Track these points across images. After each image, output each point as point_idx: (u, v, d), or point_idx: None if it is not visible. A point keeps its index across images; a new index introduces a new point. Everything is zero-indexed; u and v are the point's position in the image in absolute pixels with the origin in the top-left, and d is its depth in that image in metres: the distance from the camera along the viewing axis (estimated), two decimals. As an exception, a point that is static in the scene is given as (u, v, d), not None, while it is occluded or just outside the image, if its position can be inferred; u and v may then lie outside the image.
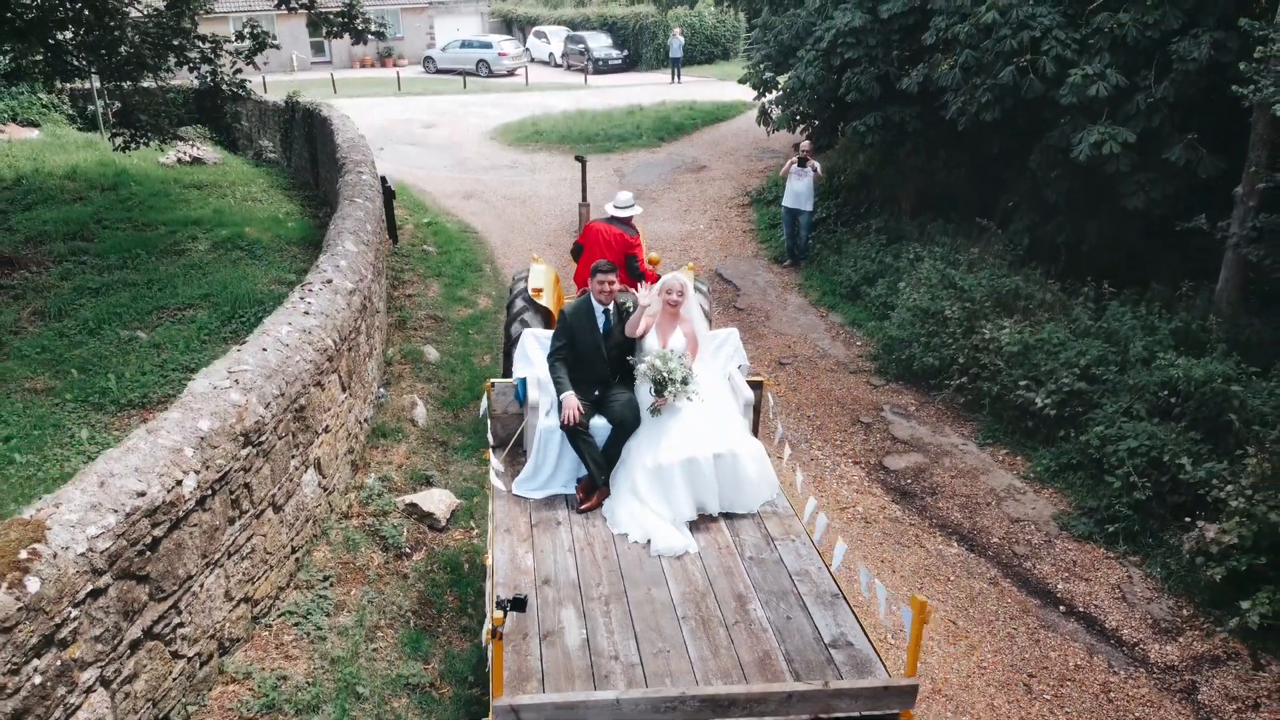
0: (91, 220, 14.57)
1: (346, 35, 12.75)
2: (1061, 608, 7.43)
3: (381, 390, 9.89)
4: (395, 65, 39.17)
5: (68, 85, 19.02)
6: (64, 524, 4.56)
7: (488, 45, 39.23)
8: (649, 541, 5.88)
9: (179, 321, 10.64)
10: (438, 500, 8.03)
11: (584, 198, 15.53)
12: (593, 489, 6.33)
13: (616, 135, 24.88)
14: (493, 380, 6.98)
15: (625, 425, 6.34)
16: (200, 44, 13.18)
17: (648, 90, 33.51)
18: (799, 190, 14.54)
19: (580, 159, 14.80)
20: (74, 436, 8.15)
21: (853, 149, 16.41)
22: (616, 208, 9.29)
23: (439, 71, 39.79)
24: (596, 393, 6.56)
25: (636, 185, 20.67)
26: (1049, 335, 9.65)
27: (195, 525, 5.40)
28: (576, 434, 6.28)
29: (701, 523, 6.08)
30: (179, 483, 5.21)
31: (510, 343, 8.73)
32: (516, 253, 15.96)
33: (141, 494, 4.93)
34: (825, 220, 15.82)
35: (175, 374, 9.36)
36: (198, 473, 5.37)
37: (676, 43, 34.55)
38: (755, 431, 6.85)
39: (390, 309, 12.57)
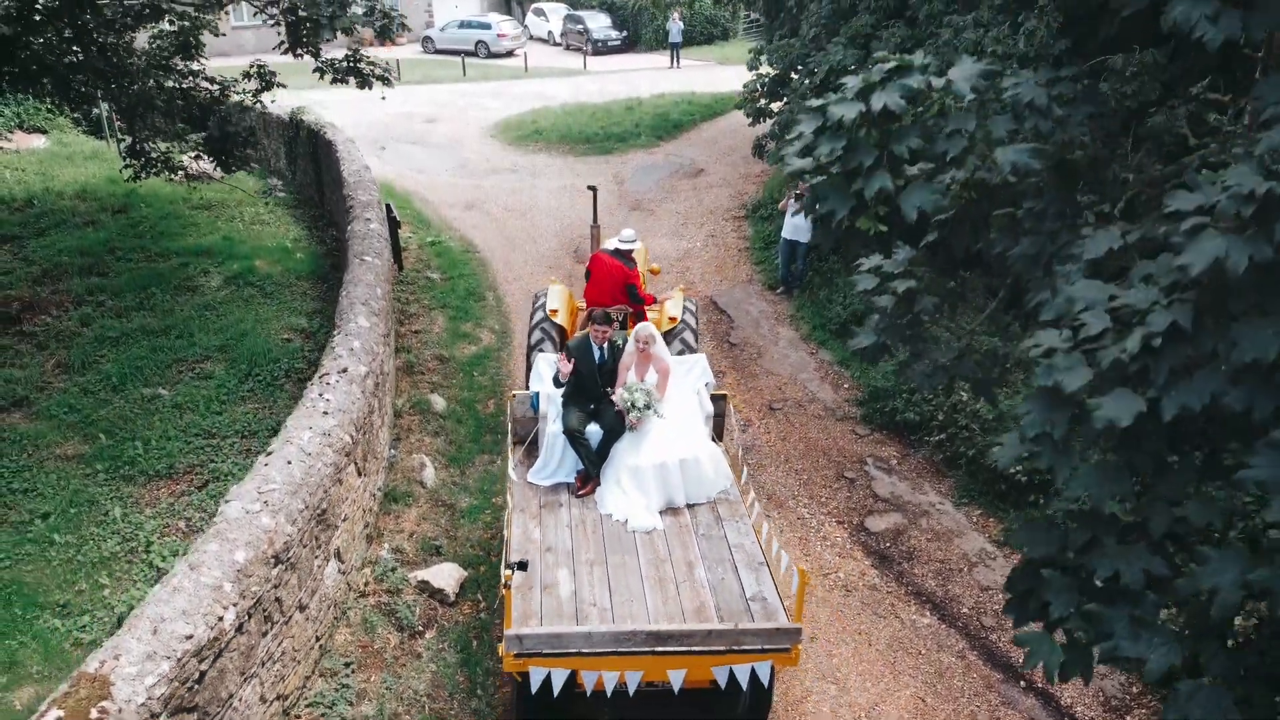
0: (105, 249, 15.03)
1: (351, 80, 13.07)
2: (1021, 683, 8.10)
3: (393, 450, 10.47)
4: (394, 45, 39.04)
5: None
6: (125, 678, 5.17)
7: (486, 26, 39.18)
8: (626, 521, 7.93)
9: (198, 377, 11.18)
10: (447, 575, 8.65)
11: (595, 219, 16.04)
12: (587, 480, 8.39)
13: (615, 134, 25.17)
14: (514, 393, 9.19)
15: (613, 433, 8.34)
16: (209, 85, 13.54)
17: (646, 76, 33.64)
18: (797, 224, 14.99)
19: (592, 188, 15.41)
20: (108, 514, 8.74)
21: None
22: (621, 242, 11.16)
23: (438, 52, 39.79)
24: (592, 406, 8.48)
25: (635, 195, 21.09)
26: (1019, 403, 10.19)
27: (235, 649, 6.01)
28: (576, 438, 8.28)
29: (669, 510, 8.12)
30: (220, 619, 5.81)
31: (531, 350, 10.70)
32: (519, 276, 16.45)
33: (189, 636, 5.54)
34: (817, 246, 16.25)
35: (198, 439, 9.95)
36: (236, 605, 5.97)
37: (676, 27, 34.59)
38: (720, 434, 9.11)
39: (398, 349, 13.11)
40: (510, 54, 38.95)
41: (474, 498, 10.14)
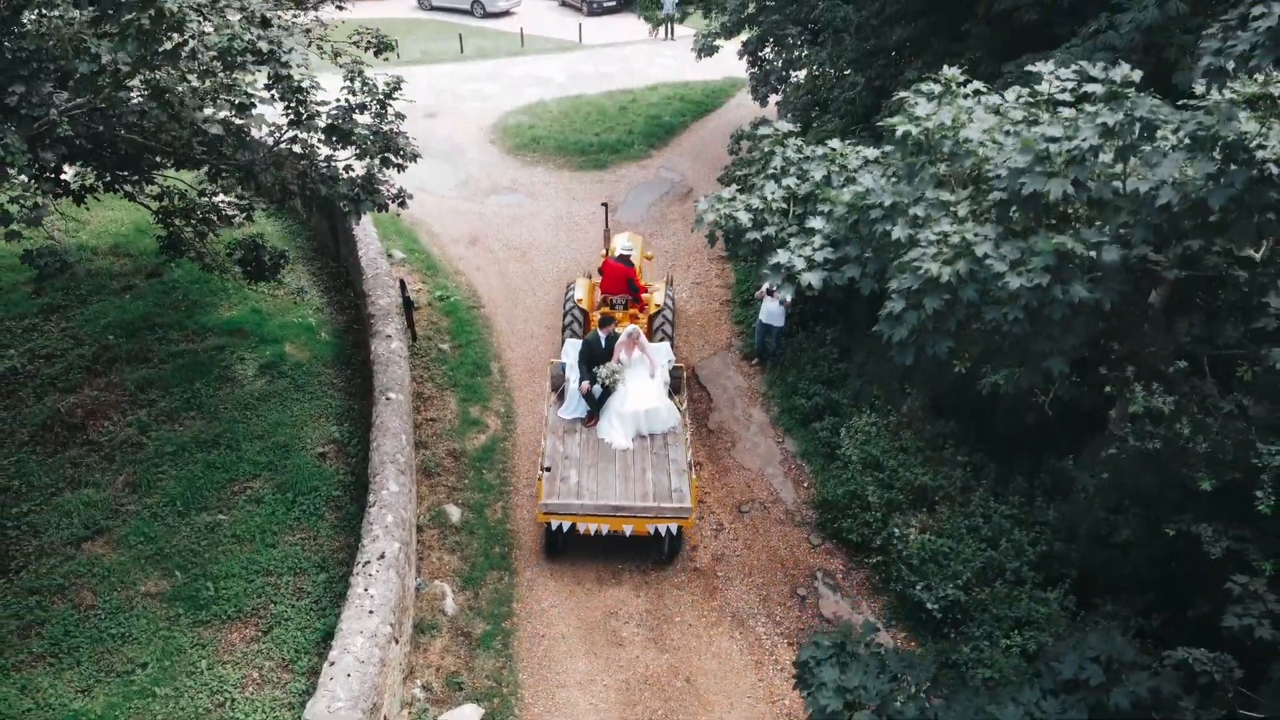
0: (145, 324, 16.72)
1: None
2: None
3: (419, 579, 12.52)
4: None
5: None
6: None
7: (483, -17, 39.25)
8: (612, 443, 13.42)
9: (250, 500, 13.12)
10: (469, 716, 10.83)
11: (605, 245, 18.31)
12: (592, 418, 13.89)
13: (610, 144, 26.30)
14: (552, 360, 15.22)
15: (608, 391, 13.70)
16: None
17: (641, 51, 34.23)
18: (772, 310, 16.66)
19: (604, 205, 18.91)
20: (196, 665, 10.85)
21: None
22: (622, 249, 16.71)
23: (434, 9, 39.95)
24: (596, 374, 13.65)
25: (629, 223, 22.48)
26: (941, 546, 12.22)
27: None
28: (586, 392, 13.81)
29: (640, 437, 13.58)
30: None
31: (565, 330, 16.37)
32: (522, 340, 18.16)
33: None
34: (789, 317, 17.92)
35: (257, 578, 11.97)
36: (321, 825, 8.12)
37: (670, 0, 34.87)
38: (679, 389, 14.60)
39: (416, 443, 14.98)
40: (507, 13, 39.15)
41: (487, 622, 12.25)
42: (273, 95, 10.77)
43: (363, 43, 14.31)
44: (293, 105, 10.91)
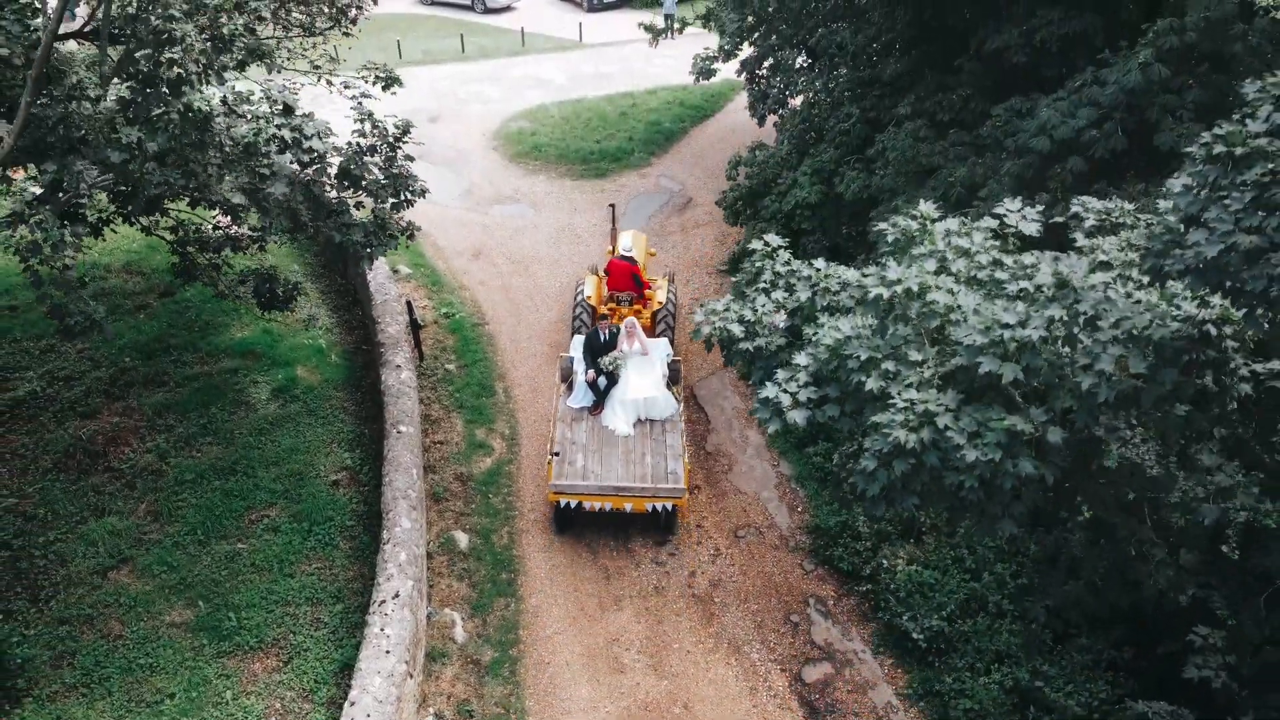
0: (160, 346, 17.26)
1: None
2: (902, 837, 11.07)
3: (430, 609, 13.13)
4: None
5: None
6: None
7: (484, -21, 39.35)
8: (615, 429, 14.72)
9: (267, 529, 13.72)
10: (479, 745, 11.48)
11: (612, 243, 19.49)
12: (597, 406, 15.15)
13: (610, 152, 26.68)
14: (561, 354, 16.41)
15: (611, 379, 14.99)
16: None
17: (641, 52, 34.40)
18: (763, 334, 17.17)
19: (611, 206, 20.19)
20: (222, 695, 11.48)
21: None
22: (624, 249, 17.82)
23: (434, 4, 40.10)
24: (600, 363, 14.96)
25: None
26: (927, 577, 12.84)
27: None
28: (592, 383, 15.08)
29: (640, 422, 14.93)
30: None
31: (575, 321, 17.48)
32: (525, 359, 18.67)
33: None
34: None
35: (276, 608, 12.59)
36: None
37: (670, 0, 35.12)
38: (676, 380, 15.71)
39: (425, 467, 15.55)
40: (508, 8, 39.32)
41: (495, 650, 12.88)
42: (293, 162, 11.21)
43: (370, 77, 14.73)
44: (307, 163, 11.36)
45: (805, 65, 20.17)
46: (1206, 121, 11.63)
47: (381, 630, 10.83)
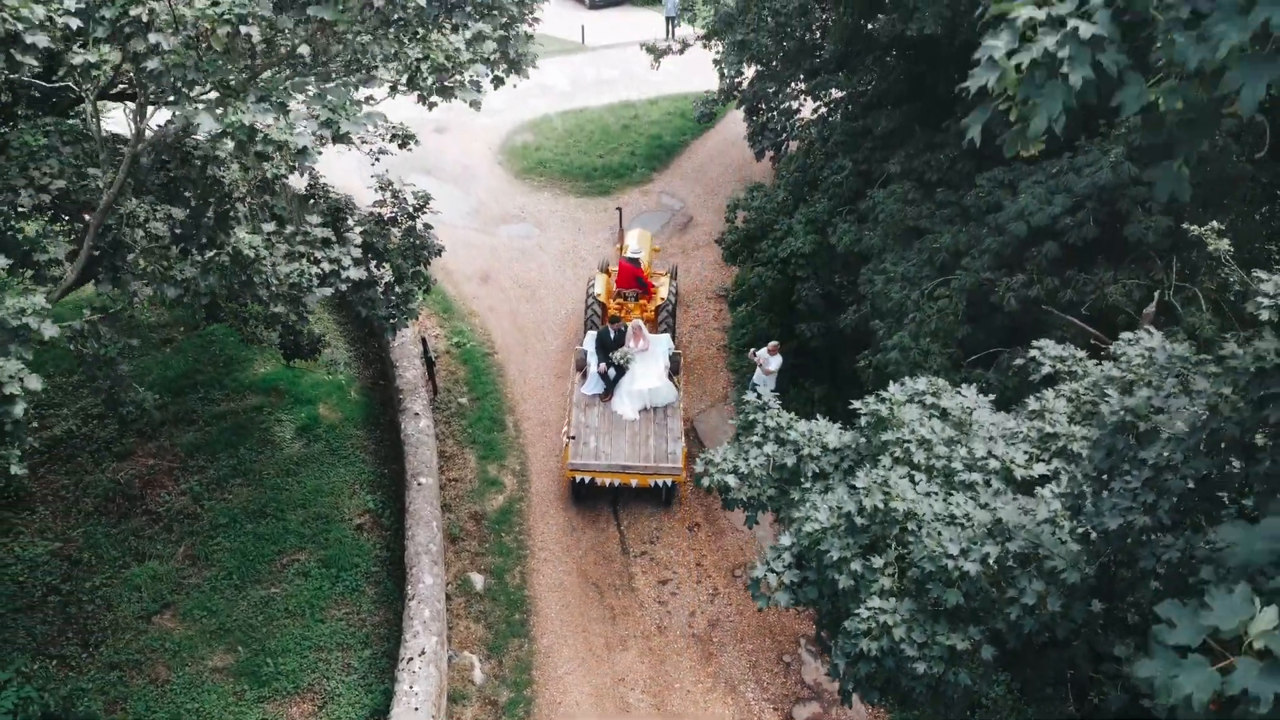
0: (187, 383, 18.20)
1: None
2: None
3: (451, 651, 14.23)
4: None
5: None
6: None
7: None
8: (623, 415, 16.76)
9: (298, 574, 14.77)
10: (499, 785, 12.63)
11: (620, 228, 21.52)
12: (608, 394, 17.08)
13: (613, 168, 27.38)
14: (577, 348, 18.16)
15: (620, 371, 16.91)
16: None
17: (642, 56, 34.79)
18: (762, 378, 18.12)
19: (618, 209, 22.02)
20: (264, 741, 12.62)
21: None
22: (631, 252, 19.80)
23: (438, -1, 40.31)
24: (611, 357, 16.84)
25: (630, 260, 23.73)
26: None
27: None
28: (603, 375, 16.97)
29: (644, 410, 16.84)
30: None
31: (587, 315, 19.52)
32: (534, 391, 19.60)
33: None
34: (782, 372, 19.39)
35: (310, 654, 13.68)
36: None
37: (672, 1, 35.46)
38: (677, 371, 17.62)
39: (442, 506, 16.57)
40: (510, 5, 39.58)
41: (511, 690, 14.00)
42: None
43: (387, 135, 15.50)
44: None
45: (800, 106, 20.88)
46: (1175, 215, 12.51)
47: (410, 688, 11.91)
